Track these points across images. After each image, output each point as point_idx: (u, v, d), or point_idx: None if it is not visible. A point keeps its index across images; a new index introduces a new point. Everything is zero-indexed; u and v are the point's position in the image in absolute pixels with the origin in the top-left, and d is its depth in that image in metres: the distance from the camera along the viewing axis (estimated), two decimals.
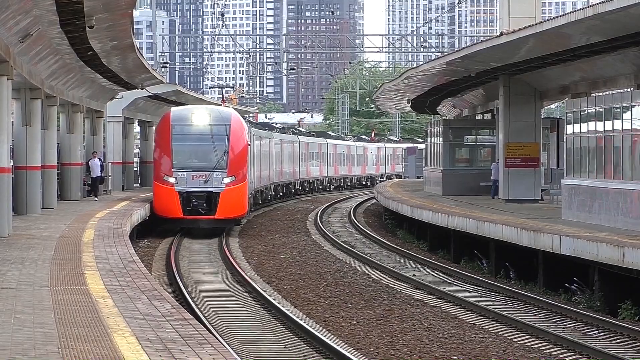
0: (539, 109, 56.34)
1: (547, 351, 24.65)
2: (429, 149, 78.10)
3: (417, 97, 78.77)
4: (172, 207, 49.55)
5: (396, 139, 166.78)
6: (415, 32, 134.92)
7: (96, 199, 57.61)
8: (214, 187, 49.82)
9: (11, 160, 38.12)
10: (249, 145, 56.28)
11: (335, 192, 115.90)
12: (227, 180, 50.08)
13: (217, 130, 51.22)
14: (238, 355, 17.77)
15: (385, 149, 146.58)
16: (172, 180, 49.59)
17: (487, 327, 28.04)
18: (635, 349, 24.95)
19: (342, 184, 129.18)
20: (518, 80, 52.94)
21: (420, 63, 76.38)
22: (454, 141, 66.12)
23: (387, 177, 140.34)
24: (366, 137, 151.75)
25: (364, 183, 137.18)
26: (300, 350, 23.73)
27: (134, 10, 37.82)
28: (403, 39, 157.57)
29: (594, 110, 41.19)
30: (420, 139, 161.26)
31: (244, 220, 60.44)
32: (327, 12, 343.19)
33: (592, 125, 40.61)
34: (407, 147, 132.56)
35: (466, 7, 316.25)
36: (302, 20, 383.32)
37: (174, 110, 56.73)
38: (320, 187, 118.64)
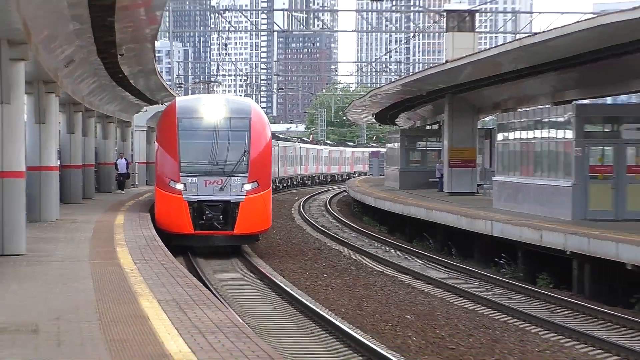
0: (476, 121, 56.43)
1: (480, 311, 24.84)
2: (389, 152, 78.25)
3: (380, 111, 78.75)
4: (180, 220, 33.18)
5: (332, 142, 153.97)
6: (378, 60, 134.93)
7: (123, 192, 57.44)
8: (232, 195, 33.18)
9: (58, 161, 38.13)
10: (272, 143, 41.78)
11: (312, 187, 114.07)
12: (248, 186, 33.34)
13: (235, 125, 34.43)
14: (237, 314, 17.86)
15: (324, 150, 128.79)
16: (179, 187, 33.32)
17: (433, 292, 28.19)
18: (550, 309, 25.16)
19: (288, 184, 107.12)
20: (460, 98, 52.98)
21: (383, 84, 76.34)
22: (409, 146, 66.27)
23: (324, 177, 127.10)
24: (306, 139, 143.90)
25: (307, 182, 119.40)
26: (286, 311, 23.89)
27: (155, 41, 37.89)
28: (369, 65, 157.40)
29: (516, 122, 41.41)
30: (351, 143, 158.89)
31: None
32: (309, 44, 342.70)
33: (517, 134, 40.79)
34: (372, 151, 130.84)
35: (419, 40, 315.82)
36: (289, 50, 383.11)
37: (181, 100, 39.43)
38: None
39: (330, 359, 18.49)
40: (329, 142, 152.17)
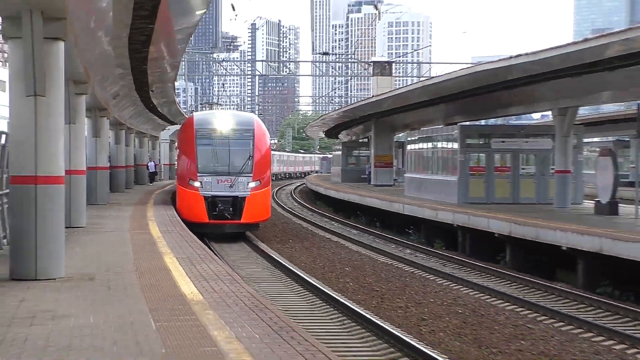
0: (393, 136, 56.38)
1: (395, 265, 24.92)
2: (334, 157, 78.38)
3: (328, 129, 78.74)
4: (198, 211, 29.06)
5: (288, 150, 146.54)
6: (327, 94, 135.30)
7: (152, 184, 57.55)
8: (240, 191, 29.12)
9: (109, 162, 37.92)
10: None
11: (278, 182, 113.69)
12: (252, 184, 29.27)
13: (241, 135, 30.38)
14: (230, 267, 17.85)
15: (284, 156, 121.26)
16: (197, 184, 29.24)
17: (364, 252, 28.23)
18: (442, 264, 25.29)
19: None
20: (381, 121, 53.04)
21: (330, 112, 76.43)
22: (347, 153, 66.42)
23: (284, 175, 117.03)
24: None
25: (273, 178, 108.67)
26: (264, 264, 23.85)
27: (175, 82, 37.78)
28: (320, 98, 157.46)
29: (420, 137, 41.59)
30: (302, 151, 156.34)
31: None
32: (280, 84, 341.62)
33: (419, 145, 40.97)
34: (322, 156, 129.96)
35: (354, 81, 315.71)
36: (267, 88, 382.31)
37: (197, 114, 34.84)
38: None
39: (292, 296, 18.55)
40: (286, 149, 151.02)
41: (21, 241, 13.35)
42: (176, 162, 31.23)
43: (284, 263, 23.24)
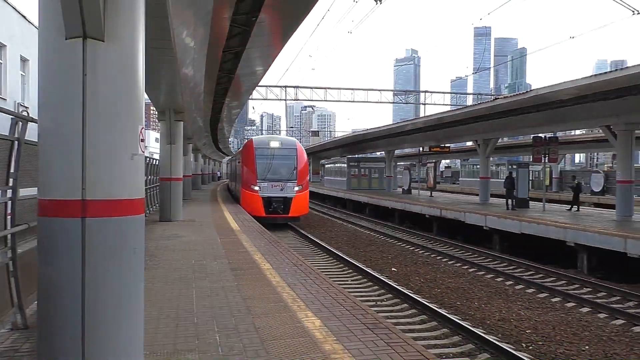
0: (319, 161, 55.15)
1: (321, 215, 24.31)
2: None
3: None
4: (257, 208, 17.89)
5: None
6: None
7: (218, 181, 56.33)
8: (288, 193, 18.09)
9: (201, 172, 36.99)
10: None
11: None
12: (296, 188, 18.24)
13: (287, 153, 18.92)
14: (251, 216, 17.44)
15: None
16: (257, 188, 18.19)
17: (311, 210, 27.71)
18: (340, 214, 24.74)
19: None
20: (315, 155, 52.13)
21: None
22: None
23: None
24: None
25: None
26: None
27: (229, 139, 36.94)
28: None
29: (332, 162, 41.23)
30: None
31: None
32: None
33: (331, 165, 40.67)
34: None
35: (304, 140, 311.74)
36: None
37: (255, 138, 20.17)
38: None
39: (277, 229, 17.69)
40: None
41: (164, 204, 13.23)
42: (240, 172, 21.41)
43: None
